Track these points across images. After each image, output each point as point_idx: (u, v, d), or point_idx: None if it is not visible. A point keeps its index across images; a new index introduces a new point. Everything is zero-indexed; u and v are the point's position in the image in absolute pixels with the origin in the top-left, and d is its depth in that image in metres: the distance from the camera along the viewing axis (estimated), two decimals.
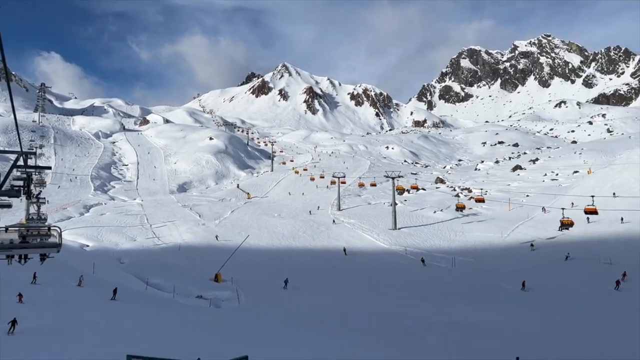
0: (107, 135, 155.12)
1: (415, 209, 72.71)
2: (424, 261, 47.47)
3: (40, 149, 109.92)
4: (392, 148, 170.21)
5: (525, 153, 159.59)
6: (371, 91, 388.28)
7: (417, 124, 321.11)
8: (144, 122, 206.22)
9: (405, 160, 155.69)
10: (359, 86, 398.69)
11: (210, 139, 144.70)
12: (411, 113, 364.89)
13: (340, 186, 79.63)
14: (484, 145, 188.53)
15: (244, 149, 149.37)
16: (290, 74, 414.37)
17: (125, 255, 48.20)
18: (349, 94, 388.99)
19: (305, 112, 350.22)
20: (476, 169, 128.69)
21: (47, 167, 12.89)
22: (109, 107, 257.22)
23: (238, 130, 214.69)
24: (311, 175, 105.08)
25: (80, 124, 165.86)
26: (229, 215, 70.80)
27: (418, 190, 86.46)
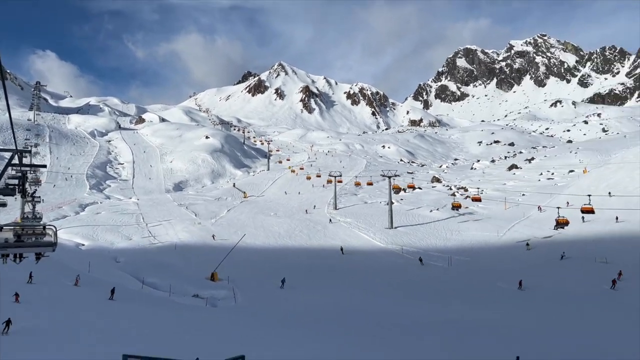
0: (102, 134, 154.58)
1: (412, 208, 72.85)
2: (421, 260, 47.59)
3: (36, 147, 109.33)
4: (389, 147, 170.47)
5: (521, 152, 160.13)
6: (367, 90, 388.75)
7: (413, 123, 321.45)
8: (140, 120, 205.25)
9: (402, 160, 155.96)
10: (355, 85, 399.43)
11: (207, 137, 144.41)
12: (407, 112, 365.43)
13: (337, 185, 79.69)
14: (479, 145, 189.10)
15: (240, 148, 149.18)
16: (286, 73, 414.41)
17: (121, 254, 48.08)
18: (345, 93, 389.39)
19: (302, 111, 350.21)
20: (472, 168, 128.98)
21: (42, 166, 12.81)
22: (104, 105, 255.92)
23: (234, 129, 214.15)
24: (307, 174, 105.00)
25: (76, 122, 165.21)
26: (225, 214, 70.72)
27: (414, 189, 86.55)
